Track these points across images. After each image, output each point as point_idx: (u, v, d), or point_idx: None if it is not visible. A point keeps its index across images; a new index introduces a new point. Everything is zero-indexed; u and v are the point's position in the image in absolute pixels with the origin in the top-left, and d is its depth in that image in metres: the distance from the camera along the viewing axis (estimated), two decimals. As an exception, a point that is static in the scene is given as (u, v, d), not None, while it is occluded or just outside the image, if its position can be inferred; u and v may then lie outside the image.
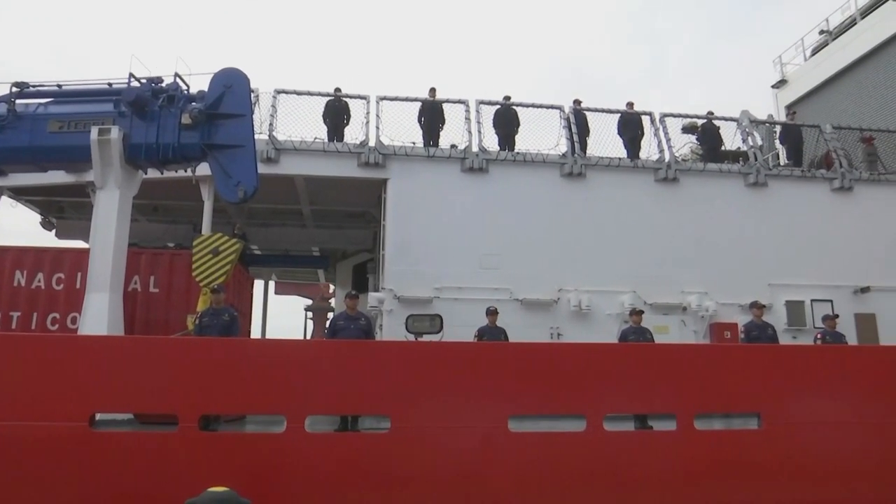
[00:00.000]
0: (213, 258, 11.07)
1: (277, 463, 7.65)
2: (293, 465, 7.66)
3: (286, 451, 7.72)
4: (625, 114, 15.31)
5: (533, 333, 12.77)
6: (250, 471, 7.49)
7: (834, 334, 11.27)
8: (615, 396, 8.57)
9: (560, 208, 14.20)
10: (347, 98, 14.63)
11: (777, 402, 8.77)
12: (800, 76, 23.13)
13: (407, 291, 13.21)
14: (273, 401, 7.96)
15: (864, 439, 8.89)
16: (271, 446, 7.85)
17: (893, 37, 19.04)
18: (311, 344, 13.86)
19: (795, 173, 15.32)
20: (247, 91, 10.47)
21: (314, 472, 7.67)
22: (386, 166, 13.92)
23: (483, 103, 14.86)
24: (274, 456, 7.71)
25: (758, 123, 16.45)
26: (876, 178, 15.52)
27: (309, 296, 33.46)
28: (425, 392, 8.18)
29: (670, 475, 8.33)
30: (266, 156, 13.26)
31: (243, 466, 7.51)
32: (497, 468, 8.01)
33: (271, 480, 7.55)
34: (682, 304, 13.92)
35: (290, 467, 7.66)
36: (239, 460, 7.59)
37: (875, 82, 19.92)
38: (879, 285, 14.52)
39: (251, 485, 7.05)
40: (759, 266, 14.29)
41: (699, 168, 14.97)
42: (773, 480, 8.45)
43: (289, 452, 7.70)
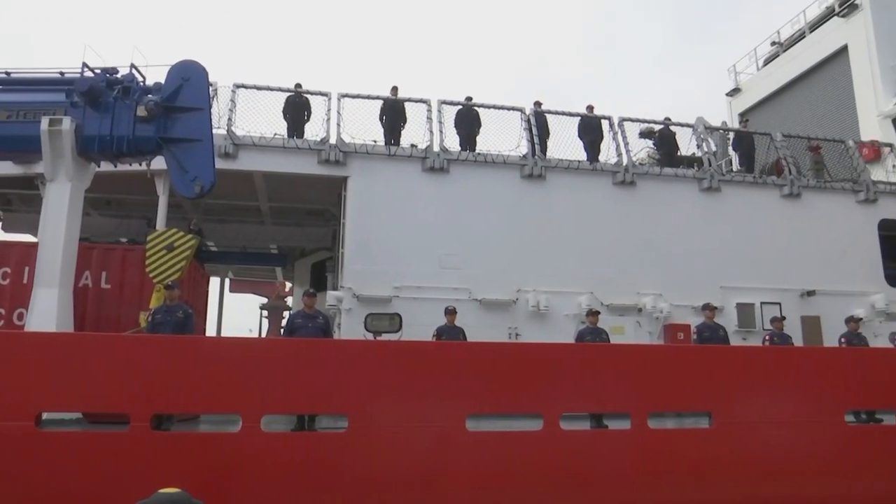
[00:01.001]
0: (167, 254, 10.84)
1: (232, 463, 7.56)
2: (248, 465, 7.58)
3: (241, 451, 7.63)
4: (585, 117, 15.51)
5: (491, 333, 12.83)
6: (204, 471, 7.37)
7: (781, 336, 11.64)
8: (572, 396, 8.70)
9: (520, 209, 14.30)
10: (308, 94, 14.47)
11: (727, 402, 9.02)
12: (752, 85, 23.81)
13: (366, 290, 13.13)
14: (228, 400, 7.85)
15: (808, 437, 9.21)
16: (226, 446, 7.74)
17: (838, 51, 19.78)
18: (268, 342, 13.70)
19: (747, 179, 15.75)
20: (205, 84, 10.27)
21: (270, 473, 7.59)
22: (346, 164, 13.81)
23: (445, 103, 14.86)
24: (229, 456, 7.61)
25: (712, 130, 16.84)
26: (822, 186, 16.06)
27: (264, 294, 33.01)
28: (383, 391, 8.17)
29: (625, 473, 8.49)
30: (224, 151, 13.02)
31: (197, 467, 7.39)
32: (455, 467, 8.06)
33: (226, 481, 7.45)
34: (638, 305, 14.16)
35: (246, 467, 7.57)
36: (192, 460, 7.47)
37: (821, 93, 20.65)
38: (824, 289, 15.04)
39: (205, 486, 6.94)
40: (712, 269, 14.63)
41: (656, 172, 15.26)
42: (724, 478, 8.69)
43: (244, 452, 7.62)
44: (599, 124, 15.51)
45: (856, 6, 19.12)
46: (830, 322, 14.19)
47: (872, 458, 9.36)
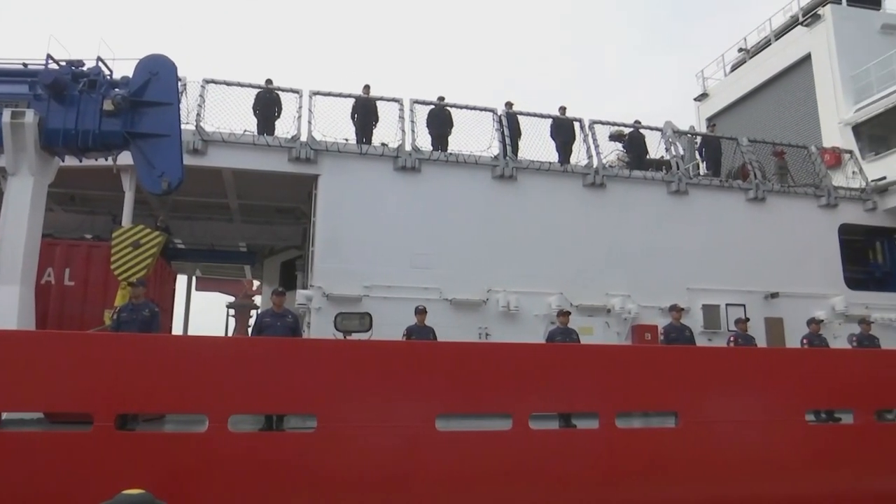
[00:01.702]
0: (133, 251, 10.64)
1: (198, 464, 7.45)
2: (215, 465, 7.48)
3: (208, 452, 7.52)
4: (557, 118, 15.64)
5: (461, 333, 12.88)
6: (169, 472, 7.26)
7: (745, 337, 11.89)
8: (541, 396, 8.75)
9: (491, 210, 14.37)
10: (279, 91, 14.35)
11: (693, 402, 9.17)
12: (720, 90, 24.27)
13: (336, 289, 13.07)
14: (195, 399, 7.75)
15: (771, 436, 9.41)
16: (192, 446, 7.63)
17: (802, 59, 20.26)
18: (236, 341, 13.52)
19: (714, 183, 16.03)
20: (174, 79, 10.11)
21: (237, 473, 7.51)
22: (317, 162, 13.73)
23: (417, 103, 14.86)
24: (195, 456, 7.50)
25: (680, 134, 17.11)
26: (786, 190, 16.43)
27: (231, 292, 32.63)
28: (353, 391, 8.13)
29: (593, 472, 8.58)
30: (193, 147, 12.84)
31: (162, 467, 7.27)
32: (424, 467, 8.06)
33: (192, 482, 7.35)
34: (607, 306, 14.32)
35: (212, 468, 7.47)
36: (158, 461, 7.35)
37: (786, 100, 21.14)
38: (787, 291, 15.40)
39: (170, 487, 6.84)
40: (679, 271, 14.87)
41: (625, 175, 15.45)
42: (690, 476, 8.83)
43: (211, 453, 7.51)
44: (571, 126, 15.65)
45: (819, 16, 19.60)
46: (793, 323, 14.54)
47: (831, 456, 9.60)
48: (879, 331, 14.08)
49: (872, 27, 19.39)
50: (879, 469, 9.72)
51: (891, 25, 19.31)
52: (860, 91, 18.25)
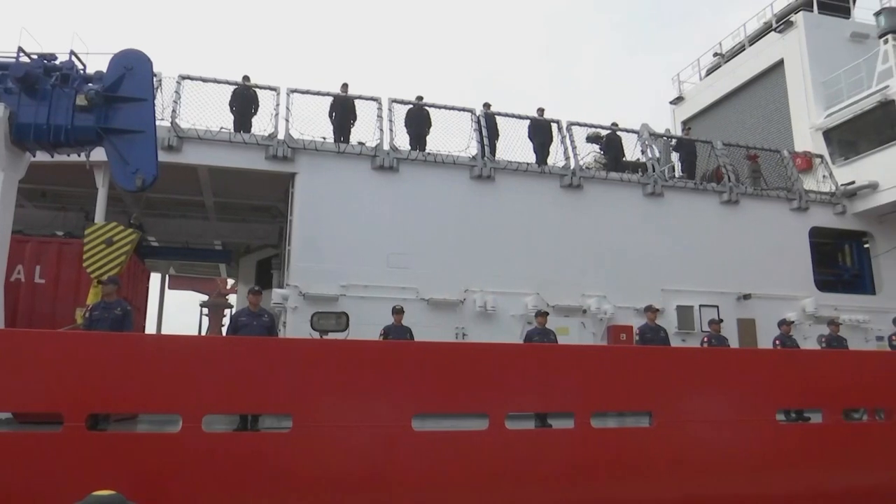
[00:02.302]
0: (106, 248, 10.47)
1: (172, 464, 7.37)
2: (189, 466, 7.40)
3: (181, 452, 7.44)
4: (535, 119, 15.71)
5: (438, 333, 12.89)
6: (142, 473, 7.17)
7: (718, 337, 12.06)
8: (517, 395, 8.80)
9: (468, 210, 14.39)
10: (256, 88, 14.23)
11: (667, 401, 9.28)
12: (695, 94, 24.54)
13: (312, 289, 12.99)
14: (168, 399, 7.66)
15: (743, 435, 9.56)
16: (165, 447, 7.55)
17: (775, 65, 20.59)
18: (211, 340, 13.37)
19: (689, 185, 16.23)
20: (149, 74, 9.97)
21: (211, 474, 7.43)
22: (295, 160, 13.64)
23: (395, 102, 14.82)
24: (168, 457, 7.41)
25: (656, 137, 17.28)
26: (759, 193, 16.70)
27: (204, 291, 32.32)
28: (329, 391, 8.11)
29: (568, 472, 8.64)
30: (168, 143, 12.69)
31: (134, 468, 7.18)
32: (401, 467, 8.05)
33: (165, 483, 7.26)
34: (583, 306, 14.42)
35: (186, 469, 7.39)
36: (129, 462, 7.25)
37: (759, 104, 21.45)
38: (759, 293, 15.65)
39: (143, 488, 6.76)
40: (654, 272, 15.03)
41: (602, 176, 15.57)
42: (664, 475, 8.94)
43: (184, 453, 7.43)
44: (549, 127, 15.74)
45: (791, 23, 19.92)
46: (765, 324, 14.78)
47: (801, 455, 9.79)
48: (847, 332, 14.39)
49: (842, 35, 19.77)
50: (846, 467, 9.94)
51: (859, 34, 19.68)
52: (831, 97, 18.58)
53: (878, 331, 15.93)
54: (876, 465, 10.12)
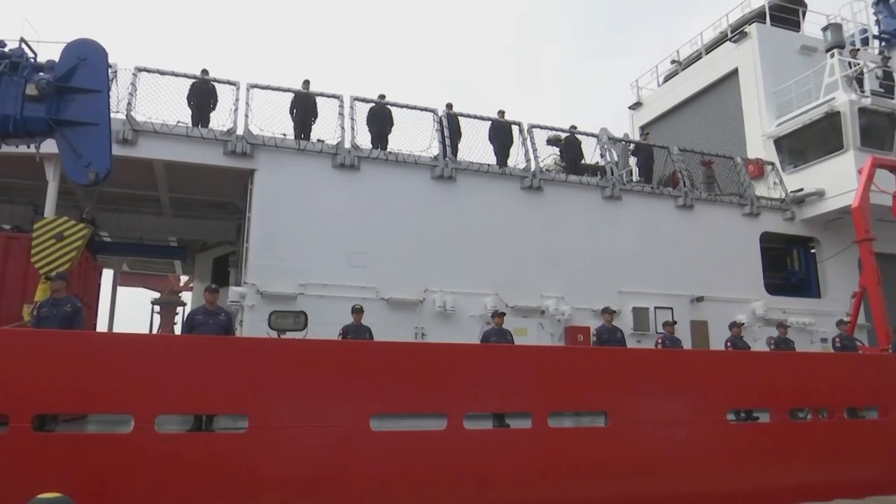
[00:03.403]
0: (56, 244, 10.16)
1: (123, 466, 7.20)
2: (141, 468, 7.24)
3: (133, 453, 7.27)
4: (496, 121, 15.80)
5: (398, 333, 12.87)
6: (91, 475, 6.99)
7: (672, 339, 12.33)
8: (475, 396, 8.85)
9: (429, 210, 14.40)
10: (215, 82, 13.98)
11: (622, 402, 9.45)
12: (653, 100, 25.03)
13: (270, 287, 12.83)
14: (120, 399, 7.48)
15: (695, 435, 9.81)
16: (116, 448, 7.36)
17: (730, 74, 21.15)
18: (165, 339, 13.09)
19: (646, 189, 16.54)
20: (104, 65, 9.68)
21: (165, 476, 7.28)
22: (254, 156, 13.44)
23: (357, 100, 14.74)
24: (119, 458, 7.24)
25: (615, 141, 17.56)
26: (713, 199, 17.12)
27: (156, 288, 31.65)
28: (286, 391, 8.03)
29: (526, 471, 8.73)
30: (122, 137, 12.37)
31: (83, 471, 7.00)
32: (359, 467, 8.02)
33: (116, 485, 7.09)
34: (541, 307, 14.57)
35: (138, 471, 7.23)
36: (78, 464, 7.05)
37: (714, 112, 22.00)
38: (711, 296, 16.05)
39: (92, 491, 6.61)
40: (611, 274, 15.28)
41: (561, 179, 15.76)
42: (619, 474, 9.10)
43: (136, 454, 7.27)
44: (510, 129, 15.85)
45: (746, 34, 20.48)
46: (717, 326, 15.16)
47: (750, 454, 10.08)
48: (794, 334, 14.86)
49: (793, 47, 20.41)
50: (793, 464, 10.28)
51: (809, 47, 20.37)
52: (782, 106, 19.17)
53: (823, 333, 16.50)
54: (819, 462, 10.49)
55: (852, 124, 16.97)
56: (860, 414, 11.51)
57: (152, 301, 31.89)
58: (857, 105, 17.03)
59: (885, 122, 17.63)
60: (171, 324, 32.08)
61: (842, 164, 17.13)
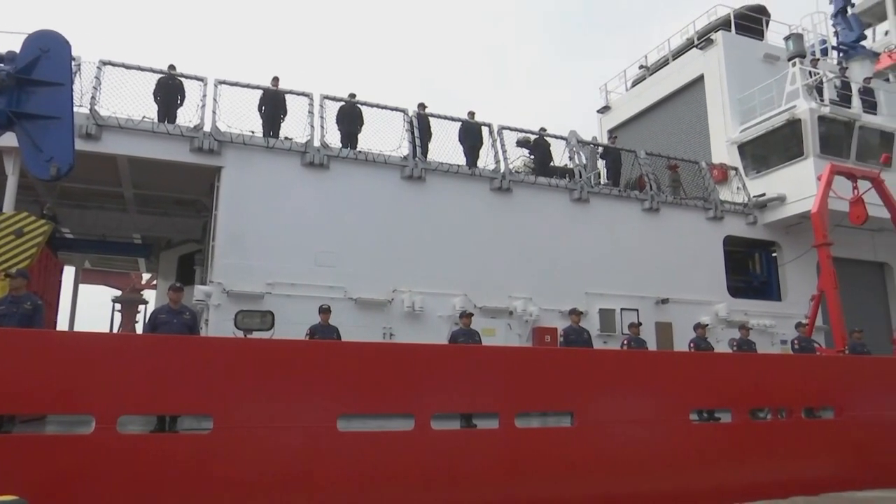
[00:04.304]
0: (15, 240, 9.90)
1: (84, 468, 7.05)
2: (102, 469, 7.10)
3: (94, 455, 7.13)
4: (466, 122, 15.84)
5: (366, 333, 12.83)
6: (50, 478, 6.83)
7: (637, 340, 12.51)
8: (443, 396, 8.87)
9: (398, 210, 14.38)
10: (182, 77, 13.77)
11: (588, 402, 9.56)
12: (621, 104, 25.35)
13: (237, 286, 12.68)
14: (80, 399, 7.32)
15: (659, 434, 9.97)
16: (77, 449, 7.20)
17: (696, 80, 21.54)
18: (127, 338, 12.86)
19: (613, 192, 16.75)
20: (67, 58, 9.48)
21: (127, 477, 7.15)
22: (221, 154, 13.27)
23: (328, 98, 14.65)
24: (80, 460, 7.09)
25: (583, 144, 17.75)
26: (678, 202, 17.41)
27: (117, 286, 31.09)
28: (252, 391, 7.95)
29: (493, 471, 8.78)
30: (86, 131, 12.12)
31: (42, 473, 6.83)
32: (325, 468, 7.98)
33: (76, 487, 6.94)
34: (509, 308, 14.65)
35: (99, 472, 7.08)
36: (37, 466, 6.89)
37: (680, 117, 22.38)
38: (676, 298, 16.32)
39: (51, 493, 6.46)
40: (579, 276, 15.43)
41: (531, 181, 15.87)
42: (585, 473, 9.21)
43: (97, 456, 7.12)
44: (480, 130, 15.90)
45: (711, 41, 20.89)
46: (681, 328, 15.42)
47: (713, 453, 10.29)
48: (755, 336, 15.16)
49: (757, 55, 20.88)
50: (754, 463, 10.51)
51: (772, 55, 20.85)
52: (745, 113, 19.58)
53: (783, 335, 16.90)
54: (778, 461, 10.74)
55: (812, 132, 17.42)
56: (817, 414, 11.83)
57: (113, 299, 31.32)
58: (816, 113, 17.48)
59: (843, 130, 18.14)
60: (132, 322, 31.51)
61: (802, 171, 17.58)
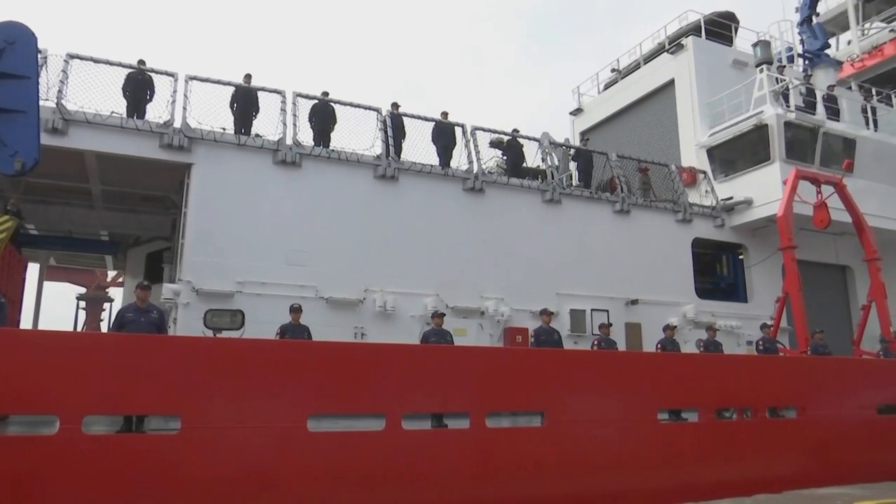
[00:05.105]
0: (-23, 236, 9.69)
1: (47, 469, 6.91)
2: (67, 471, 6.97)
3: (58, 456, 6.99)
4: (439, 122, 15.86)
5: (337, 332, 12.77)
6: (13, 479, 6.70)
7: (607, 340, 12.67)
8: (414, 396, 8.88)
9: (371, 209, 14.34)
10: (152, 73, 13.56)
11: (559, 402, 9.65)
12: (593, 107, 25.60)
13: (206, 284, 12.53)
14: (44, 399, 7.18)
15: (628, 434, 10.10)
16: (39, 450, 7.06)
17: (666, 84, 21.86)
18: (94, 337, 12.63)
19: (585, 194, 16.92)
20: (33, 50, 9.27)
21: (92, 479, 7.04)
22: (191, 150, 13.10)
23: (300, 96, 14.55)
24: (43, 461, 6.94)
25: (556, 145, 17.90)
26: (648, 205, 17.65)
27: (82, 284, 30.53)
28: (221, 391, 7.87)
29: (464, 471, 8.81)
30: (52, 126, 11.88)
31: (4, 474, 6.69)
32: (295, 468, 7.94)
33: (39, 489, 6.81)
34: (481, 308, 14.70)
35: (63, 474, 6.95)
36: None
37: (651, 120, 22.68)
38: (645, 299, 16.54)
39: (13, 496, 6.33)
40: (550, 276, 15.56)
41: (503, 182, 15.95)
42: (556, 473, 9.29)
43: (62, 457, 6.99)
44: (453, 131, 15.93)
45: (682, 46, 21.22)
46: (650, 328, 15.62)
47: (680, 452, 10.45)
48: (722, 337, 15.45)
49: (726, 61, 21.27)
50: (719, 462, 10.71)
51: (740, 61, 21.26)
52: (714, 117, 19.92)
53: (749, 336, 17.24)
54: (743, 459, 10.96)
55: (779, 137, 17.79)
56: (780, 413, 12.09)
57: (78, 297, 30.72)
58: (783, 119, 17.86)
59: (808, 136, 18.56)
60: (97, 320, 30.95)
61: (768, 175, 17.94)
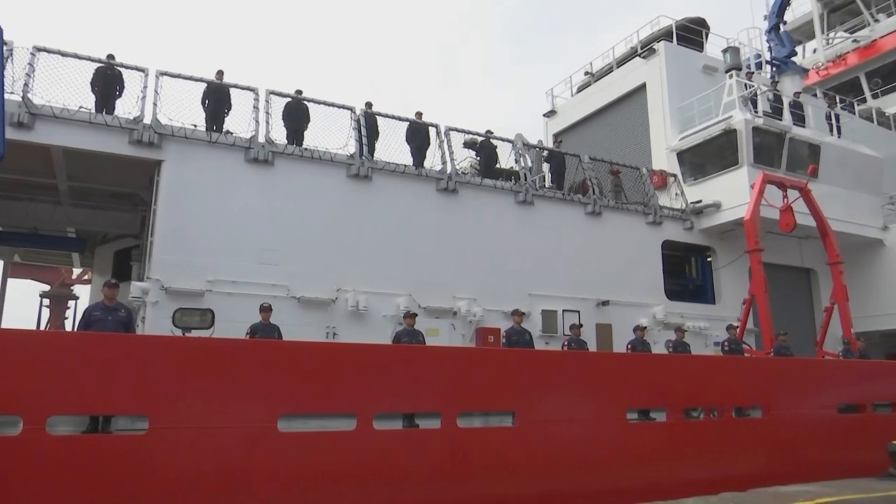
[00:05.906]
0: (-62, 232, 9.46)
1: (10, 470, 6.78)
2: (31, 472, 6.85)
3: (22, 457, 6.86)
4: (413, 122, 15.86)
5: (309, 332, 12.70)
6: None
7: (578, 341, 12.79)
8: (385, 396, 8.89)
9: (344, 208, 14.27)
10: (122, 68, 13.34)
11: (529, 402, 9.73)
12: (566, 109, 25.82)
13: (176, 283, 12.36)
14: (7, 399, 7.04)
15: (598, 433, 10.23)
16: (3, 451, 6.92)
17: (638, 88, 22.15)
18: (59, 336, 12.38)
19: (557, 196, 17.05)
20: (-3, 43, 9.11)
21: (57, 480, 6.92)
22: (162, 147, 12.91)
23: (274, 94, 14.43)
24: (6, 463, 6.81)
25: (529, 147, 18.01)
26: (619, 207, 17.86)
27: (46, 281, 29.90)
28: (190, 391, 7.81)
29: (436, 471, 8.85)
30: (18, 120, 11.61)
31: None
32: (265, 469, 7.90)
33: (4, 491, 6.67)
34: (453, 308, 14.74)
35: (27, 475, 6.83)
36: (-42, 468, 6.61)
37: (623, 123, 22.96)
38: (616, 300, 16.74)
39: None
40: (522, 277, 15.65)
41: (477, 182, 16.00)
42: (526, 472, 9.37)
43: (25, 458, 6.87)
44: (427, 131, 15.95)
45: (654, 51, 21.51)
46: (620, 329, 15.81)
47: (649, 451, 10.61)
48: (691, 338, 15.72)
49: (696, 66, 21.63)
50: (687, 460, 10.90)
51: (710, 67, 21.64)
52: (685, 122, 20.24)
53: (716, 337, 17.53)
54: (710, 458, 11.17)
55: (747, 142, 18.14)
56: (746, 413, 12.34)
57: (41, 294, 30.06)
58: (751, 124, 18.21)
59: (775, 141, 18.95)
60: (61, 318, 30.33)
61: (736, 179, 18.29)
